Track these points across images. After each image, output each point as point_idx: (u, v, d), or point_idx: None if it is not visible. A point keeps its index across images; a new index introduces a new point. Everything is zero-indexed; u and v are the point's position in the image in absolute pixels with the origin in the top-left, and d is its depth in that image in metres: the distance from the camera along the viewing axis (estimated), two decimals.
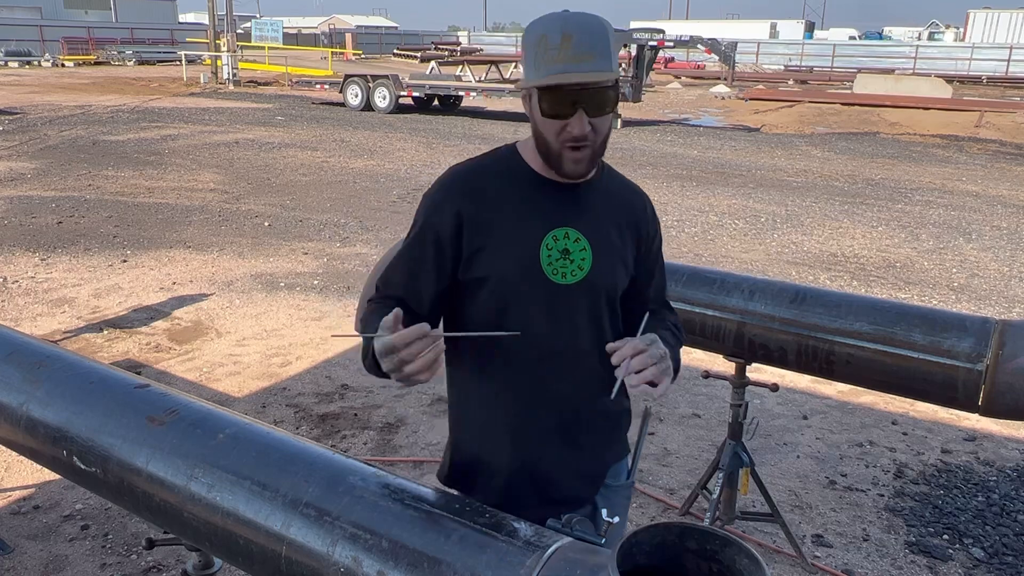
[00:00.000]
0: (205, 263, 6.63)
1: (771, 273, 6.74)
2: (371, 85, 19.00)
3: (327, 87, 21.08)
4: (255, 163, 11.46)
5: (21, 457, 2.27)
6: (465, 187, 1.54)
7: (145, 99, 20.18)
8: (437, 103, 20.06)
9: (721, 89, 27.88)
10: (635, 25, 34.20)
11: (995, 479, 3.68)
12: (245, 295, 5.90)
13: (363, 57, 43.50)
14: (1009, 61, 38.10)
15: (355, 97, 19.25)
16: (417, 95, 18.95)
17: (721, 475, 2.95)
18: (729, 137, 16.27)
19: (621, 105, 16.46)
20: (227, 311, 5.57)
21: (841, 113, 20.95)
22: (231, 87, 24.80)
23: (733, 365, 2.85)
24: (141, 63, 35.25)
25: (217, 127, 15.10)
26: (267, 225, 7.95)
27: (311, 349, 4.94)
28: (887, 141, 16.12)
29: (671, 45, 20.84)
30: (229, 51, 25.61)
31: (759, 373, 3.69)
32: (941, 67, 37.01)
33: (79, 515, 3.16)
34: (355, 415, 4.11)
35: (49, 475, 3.31)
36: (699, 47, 27.12)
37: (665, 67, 37.15)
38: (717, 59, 29.91)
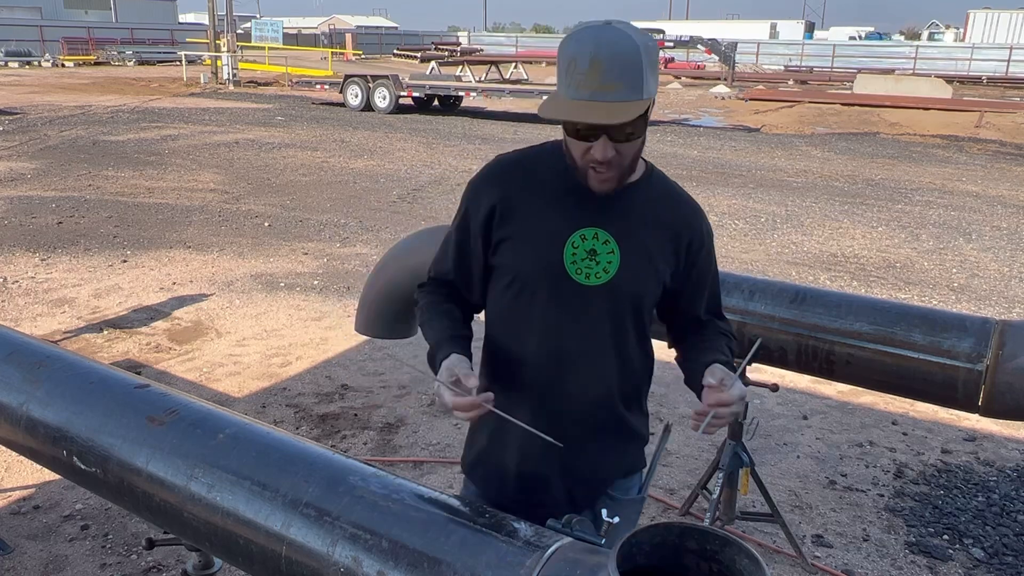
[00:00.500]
0: (205, 263, 6.63)
1: (771, 273, 6.74)
2: (371, 85, 18.99)
3: (327, 87, 21.04)
4: (255, 163, 11.46)
5: (21, 457, 2.27)
6: (504, 176, 1.56)
7: (145, 99, 20.18)
8: (437, 103, 20.04)
9: (721, 89, 27.84)
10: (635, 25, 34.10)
11: (995, 479, 3.68)
12: (245, 295, 5.90)
13: (363, 57, 43.50)
14: (1009, 61, 38.09)
15: (355, 97, 19.24)
16: (417, 95, 18.94)
17: (721, 475, 2.94)
18: (729, 137, 16.27)
19: None
20: (227, 311, 5.57)
21: (841, 113, 20.93)
22: (231, 87, 24.79)
23: None
24: (141, 63, 35.25)
25: (217, 127, 15.10)
26: (267, 225, 7.95)
27: (311, 349, 4.95)
28: (887, 141, 16.11)
29: (671, 45, 20.89)
30: (229, 51, 25.61)
31: (759, 373, 3.69)
32: (941, 67, 37.01)
33: (79, 515, 3.16)
34: (355, 415, 4.11)
35: (49, 475, 3.31)
36: (699, 47, 27.19)
37: (665, 67, 37.03)
38: (717, 59, 29.91)
